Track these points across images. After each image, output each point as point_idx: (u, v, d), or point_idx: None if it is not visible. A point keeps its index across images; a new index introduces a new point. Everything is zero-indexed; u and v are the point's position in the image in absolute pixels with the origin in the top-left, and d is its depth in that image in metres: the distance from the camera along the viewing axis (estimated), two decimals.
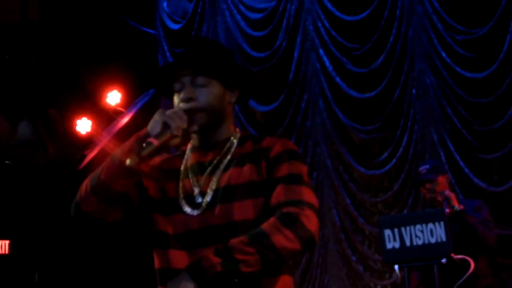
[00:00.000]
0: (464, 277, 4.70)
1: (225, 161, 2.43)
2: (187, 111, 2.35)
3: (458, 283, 4.68)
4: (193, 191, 2.42)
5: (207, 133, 2.45)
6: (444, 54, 6.87)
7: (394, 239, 4.73)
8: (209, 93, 2.41)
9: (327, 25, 7.43)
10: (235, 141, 2.48)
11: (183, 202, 2.42)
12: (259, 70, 7.71)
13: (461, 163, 6.69)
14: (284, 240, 2.20)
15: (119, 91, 7.86)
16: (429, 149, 6.84)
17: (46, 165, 7.54)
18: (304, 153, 7.46)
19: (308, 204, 2.28)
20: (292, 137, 7.49)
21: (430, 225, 4.63)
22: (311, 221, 2.25)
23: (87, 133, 7.68)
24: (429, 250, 4.59)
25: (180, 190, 2.44)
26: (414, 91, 7.01)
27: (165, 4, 8.36)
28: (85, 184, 2.39)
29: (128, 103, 7.98)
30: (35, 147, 7.58)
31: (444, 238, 4.56)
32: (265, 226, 2.23)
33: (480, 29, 6.73)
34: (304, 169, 2.41)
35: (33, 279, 7.49)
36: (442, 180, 5.42)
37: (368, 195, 7.20)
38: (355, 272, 7.09)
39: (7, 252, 7.30)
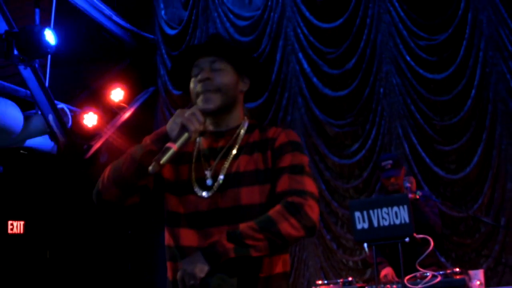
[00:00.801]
0: (425, 253, 4.72)
1: (235, 148, 2.38)
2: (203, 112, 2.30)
3: (420, 259, 4.73)
4: (204, 175, 2.36)
5: (220, 118, 2.40)
6: (408, 58, 6.95)
7: (364, 221, 4.71)
8: (225, 75, 2.36)
9: (305, 31, 7.43)
10: (243, 129, 2.42)
11: (195, 185, 2.36)
12: None
13: (422, 154, 6.78)
14: (290, 227, 2.18)
15: (122, 89, 7.79)
16: (394, 141, 6.92)
17: (57, 154, 7.58)
18: None
19: (310, 194, 2.26)
20: None
21: (395, 208, 4.59)
22: (313, 211, 2.24)
23: (93, 126, 7.52)
24: (394, 230, 4.57)
25: (193, 173, 2.38)
26: (381, 90, 7.08)
27: (163, 12, 8.25)
28: (107, 175, 2.33)
29: (130, 99, 7.92)
30: (46, 138, 7.60)
31: (407, 220, 4.54)
32: (272, 213, 2.20)
33: (440, 35, 6.85)
34: (305, 159, 2.37)
35: (45, 256, 7.44)
36: (403, 172, 5.51)
37: (341, 182, 7.21)
38: (330, 249, 7.13)
39: (22, 231, 7.21)
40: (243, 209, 2.29)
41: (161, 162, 2.14)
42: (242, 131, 2.42)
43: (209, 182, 2.35)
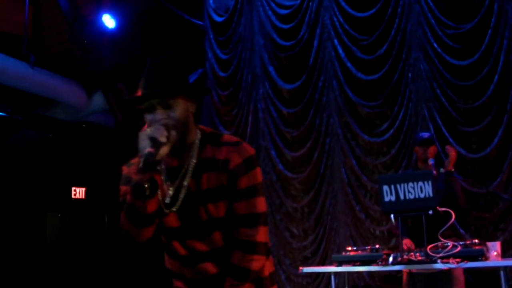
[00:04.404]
0: (447, 225, 4.66)
1: (191, 166, 2.28)
2: (163, 126, 2.17)
3: (441, 230, 4.70)
4: (167, 194, 2.30)
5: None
6: (436, 45, 6.86)
7: (391, 194, 4.70)
8: (177, 111, 2.21)
9: (341, 20, 7.40)
10: (197, 145, 2.30)
11: (162, 203, 2.30)
12: (286, 56, 7.72)
13: (446, 134, 6.71)
14: (257, 262, 2.25)
15: None
16: (420, 122, 6.86)
17: (115, 129, 7.67)
18: (320, 123, 7.49)
19: (260, 219, 2.27)
20: (311, 110, 7.52)
21: (420, 183, 4.57)
22: (264, 235, 2.28)
23: None
24: (419, 203, 4.56)
25: (160, 192, 2.29)
26: (410, 75, 7.01)
27: (211, 1, 8.30)
28: (124, 221, 2.27)
29: None
30: (106, 114, 7.71)
31: (431, 194, 4.51)
32: (239, 262, 2.24)
33: (466, 24, 6.74)
34: (259, 176, 2.30)
35: (103, 220, 7.56)
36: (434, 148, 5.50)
37: (370, 158, 7.20)
38: (358, 219, 7.13)
39: (84, 197, 7.36)
40: (203, 224, 2.28)
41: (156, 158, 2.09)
42: (196, 148, 2.30)
43: (167, 200, 2.29)
